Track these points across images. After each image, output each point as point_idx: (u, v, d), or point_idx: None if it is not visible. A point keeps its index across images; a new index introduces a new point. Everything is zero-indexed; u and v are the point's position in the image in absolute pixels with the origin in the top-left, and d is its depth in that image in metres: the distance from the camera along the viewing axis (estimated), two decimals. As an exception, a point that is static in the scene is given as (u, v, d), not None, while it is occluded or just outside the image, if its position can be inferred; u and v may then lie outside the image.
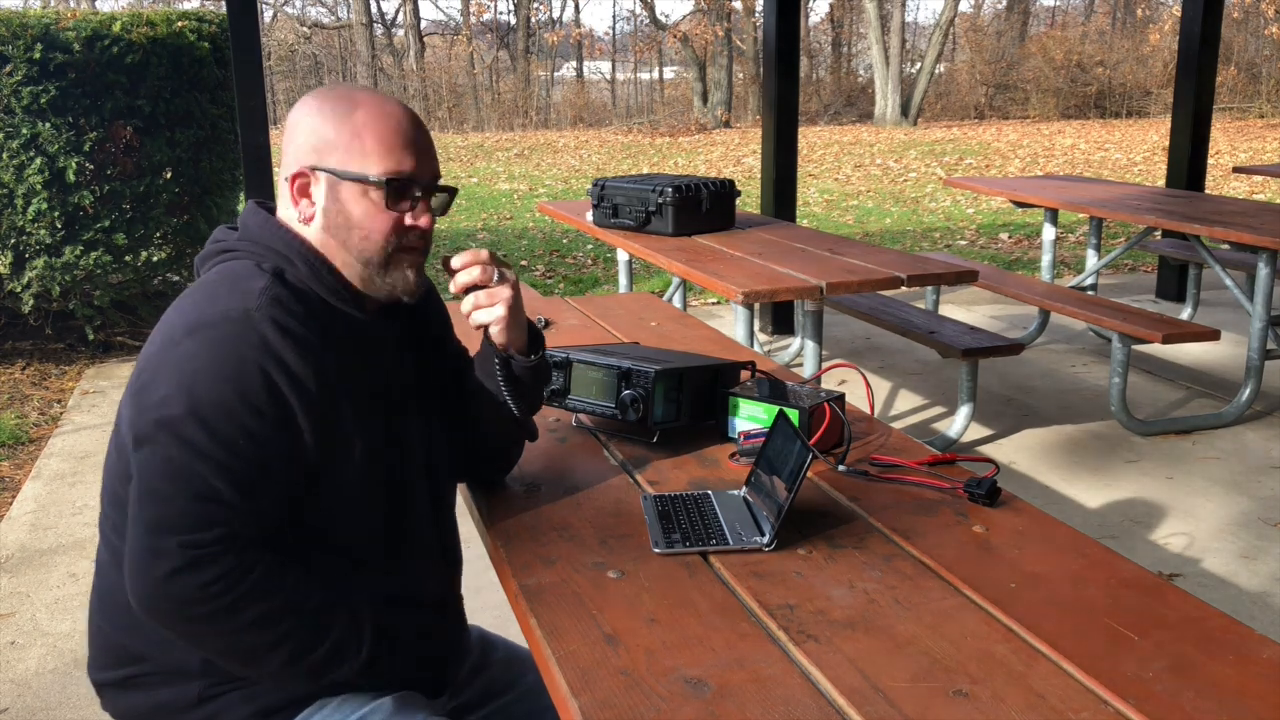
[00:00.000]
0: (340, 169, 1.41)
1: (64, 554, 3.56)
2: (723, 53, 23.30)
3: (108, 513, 1.48)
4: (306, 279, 1.41)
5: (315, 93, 1.48)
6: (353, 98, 1.45)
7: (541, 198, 11.83)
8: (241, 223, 1.48)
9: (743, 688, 1.17)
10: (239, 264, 1.41)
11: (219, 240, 1.48)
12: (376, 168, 1.41)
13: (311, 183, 1.43)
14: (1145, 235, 5.44)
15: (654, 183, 4.32)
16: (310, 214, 1.44)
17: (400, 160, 1.42)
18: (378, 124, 1.42)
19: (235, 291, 1.35)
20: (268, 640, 1.34)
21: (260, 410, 1.31)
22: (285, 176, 1.45)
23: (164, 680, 1.44)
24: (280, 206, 1.48)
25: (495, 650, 1.78)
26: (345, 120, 1.42)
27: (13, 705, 2.73)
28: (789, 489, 1.50)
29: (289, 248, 1.43)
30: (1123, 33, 25.25)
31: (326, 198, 1.43)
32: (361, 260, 1.44)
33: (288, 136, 1.46)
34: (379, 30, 25.87)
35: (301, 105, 1.47)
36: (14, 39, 5.12)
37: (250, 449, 1.31)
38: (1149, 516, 3.73)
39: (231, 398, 1.30)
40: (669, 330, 2.78)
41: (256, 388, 1.31)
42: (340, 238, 1.43)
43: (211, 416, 1.29)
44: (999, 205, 10.60)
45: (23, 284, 5.43)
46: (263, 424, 1.31)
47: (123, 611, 1.44)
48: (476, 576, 3.27)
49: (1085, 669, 1.20)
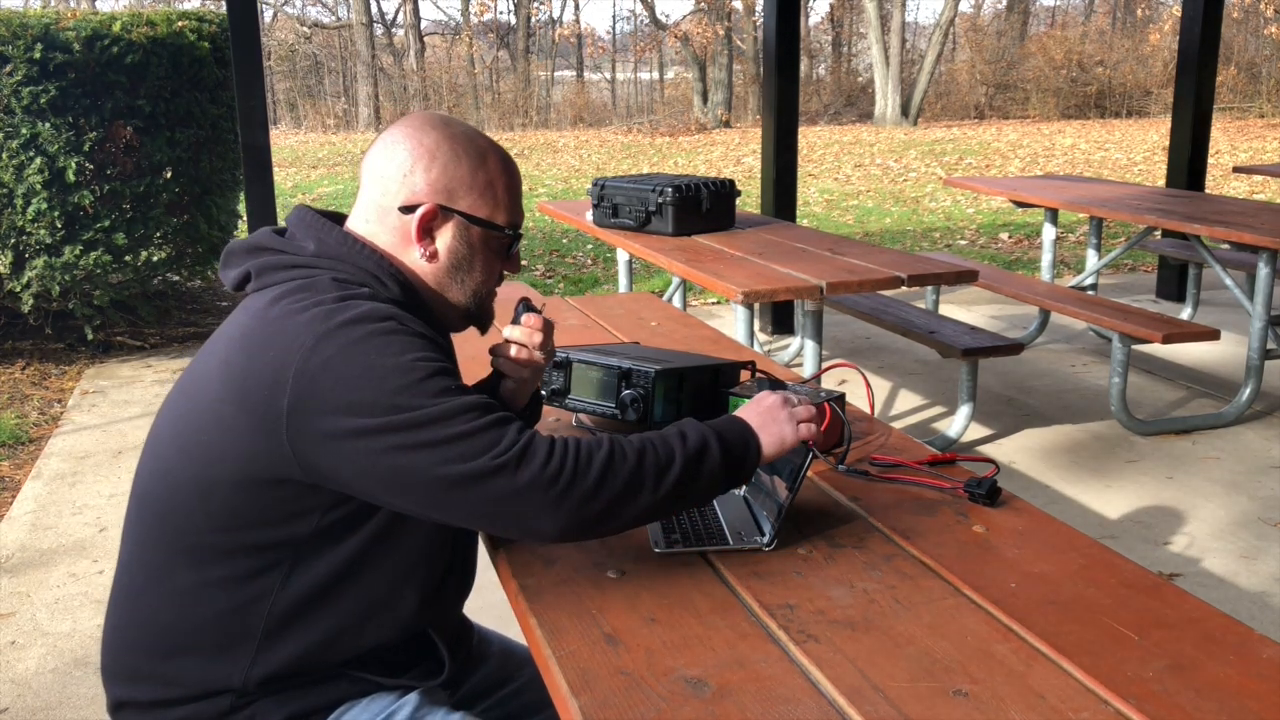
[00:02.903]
0: (472, 214, 1.46)
1: (64, 554, 3.56)
2: (723, 53, 23.30)
3: (149, 525, 1.42)
4: (397, 299, 1.43)
5: (429, 124, 1.46)
6: (478, 142, 1.48)
7: (541, 198, 11.83)
8: (315, 237, 1.45)
9: (743, 688, 1.17)
10: (323, 277, 1.40)
11: (277, 250, 1.44)
12: (504, 218, 1.49)
13: (439, 220, 1.45)
14: (1145, 235, 5.44)
15: (654, 182, 4.32)
16: (433, 250, 1.46)
17: (518, 213, 1.52)
18: (507, 176, 1.50)
19: (345, 298, 1.35)
20: (649, 466, 1.33)
21: (432, 350, 1.34)
22: (400, 206, 1.44)
23: (195, 699, 1.41)
24: (371, 228, 1.46)
25: (490, 645, 1.79)
26: (480, 167, 1.46)
27: (13, 705, 2.73)
28: (789, 489, 1.50)
29: (379, 268, 1.43)
30: (1123, 33, 25.25)
31: (455, 238, 1.46)
32: (472, 299, 1.51)
33: (400, 162, 1.44)
34: (379, 30, 25.87)
35: (419, 134, 1.45)
36: (14, 39, 5.12)
37: (454, 368, 1.37)
38: (1149, 516, 3.73)
39: (406, 353, 1.30)
40: (669, 330, 2.78)
41: (419, 343, 1.33)
42: (458, 277, 1.48)
43: (409, 377, 1.28)
44: (999, 205, 10.60)
45: (23, 284, 5.43)
46: (441, 353, 1.35)
47: (161, 630, 1.41)
48: (477, 576, 3.28)
49: (1085, 669, 1.19)
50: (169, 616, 1.41)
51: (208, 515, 1.36)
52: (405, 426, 1.26)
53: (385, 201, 1.45)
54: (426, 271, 1.47)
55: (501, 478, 1.26)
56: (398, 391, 1.27)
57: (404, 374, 1.28)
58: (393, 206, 1.44)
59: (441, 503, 1.28)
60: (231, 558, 1.36)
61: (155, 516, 1.42)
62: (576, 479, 1.29)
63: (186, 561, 1.39)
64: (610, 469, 1.31)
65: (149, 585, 1.42)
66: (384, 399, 1.26)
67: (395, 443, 1.26)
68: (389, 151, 1.45)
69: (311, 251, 1.43)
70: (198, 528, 1.37)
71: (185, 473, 1.38)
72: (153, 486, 1.42)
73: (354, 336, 1.30)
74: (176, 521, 1.39)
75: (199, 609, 1.39)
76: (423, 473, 1.27)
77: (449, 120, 1.49)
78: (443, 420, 1.27)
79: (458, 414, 1.28)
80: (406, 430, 1.26)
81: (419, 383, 1.28)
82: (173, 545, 1.39)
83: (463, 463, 1.26)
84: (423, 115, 1.49)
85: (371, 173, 1.47)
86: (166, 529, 1.40)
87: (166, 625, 1.41)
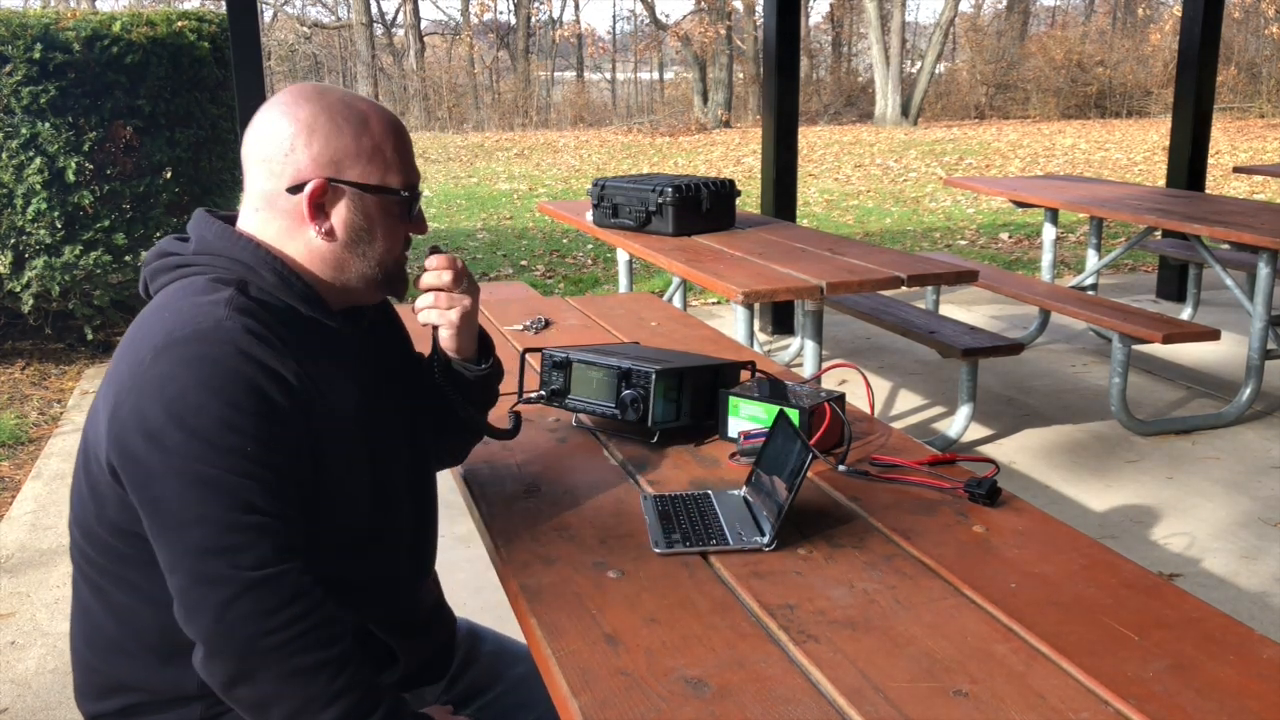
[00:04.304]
0: (364, 182, 1.39)
1: (64, 554, 3.56)
2: (723, 53, 23.30)
3: (79, 544, 1.42)
4: (274, 288, 1.37)
5: (302, 96, 1.39)
6: (357, 107, 1.40)
7: (541, 198, 11.83)
8: (196, 235, 1.42)
9: (743, 688, 1.17)
10: (199, 279, 1.36)
11: (170, 253, 1.41)
12: (397, 179, 1.42)
13: (330, 196, 1.39)
14: (1145, 235, 5.44)
15: (654, 182, 4.32)
16: (329, 227, 1.39)
17: (413, 173, 1.45)
18: (395, 136, 1.42)
19: (201, 306, 1.31)
20: (326, 692, 1.26)
21: (255, 412, 1.27)
22: (287, 188, 1.37)
23: (163, 706, 1.41)
24: (261, 217, 1.41)
25: (484, 643, 1.78)
26: (363, 132, 1.39)
27: (13, 705, 2.73)
28: (789, 489, 1.50)
29: (255, 258, 1.38)
30: (1123, 33, 25.25)
31: (350, 210, 1.40)
32: (379, 269, 1.44)
33: (279, 142, 1.37)
34: (379, 30, 25.87)
35: (293, 109, 1.38)
36: (14, 39, 5.12)
37: (261, 452, 1.27)
38: (1149, 516, 3.73)
39: (223, 408, 1.25)
40: (669, 330, 2.78)
41: (244, 392, 1.26)
42: (360, 250, 1.42)
43: (211, 431, 1.25)
44: (999, 205, 10.60)
45: (22, 284, 5.43)
46: (261, 425, 1.27)
47: (110, 642, 1.42)
48: (477, 576, 3.28)
49: (1085, 669, 1.19)
50: (115, 630, 1.42)
51: (103, 523, 1.37)
52: (185, 465, 1.25)
53: (270, 185, 1.39)
54: (325, 250, 1.40)
55: (220, 586, 1.23)
56: (190, 428, 1.25)
57: (205, 415, 1.25)
58: (280, 189, 1.38)
59: (164, 544, 1.27)
60: (142, 568, 1.35)
61: (81, 531, 1.42)
62: (277, 637, 1.24)
63: (114, 574, 1.39)
64: (303, 666, 1.25)
65: (93, 601, 1.43)
66: (180, 432, 1.25)
67: (175, 469, 1.25)
68: (266, 132, 1.39)
69: (191, 250, 1.40)
70: (104, 538, 1.37)
71: (85, 486, 1.39)
72: (80, 513, 1.42)
73: (184, 356, 1.27)
74: (90, 533, 1.40)
75: (137, 619, 1.39)
76: (163, 515, 1.26)
77: (324, 89, 1.42)
78: (213, 492, 1.24)
79: (229, 494, 1.24)
80: (183, 469, 1.25)
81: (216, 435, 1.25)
82: (99, 559, 1.40)
83: (200, 546, 1.24)
84: (296, 89, 1.41)
85: (252, 159, 1.40)
86: (91, 542, 1.40)
87: (114, 639, 1.42)
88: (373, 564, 1.47)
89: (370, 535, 1.46)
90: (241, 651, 1.24)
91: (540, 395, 1.98)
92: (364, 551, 1.45)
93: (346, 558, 1.42)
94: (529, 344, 2.60)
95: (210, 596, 1.23)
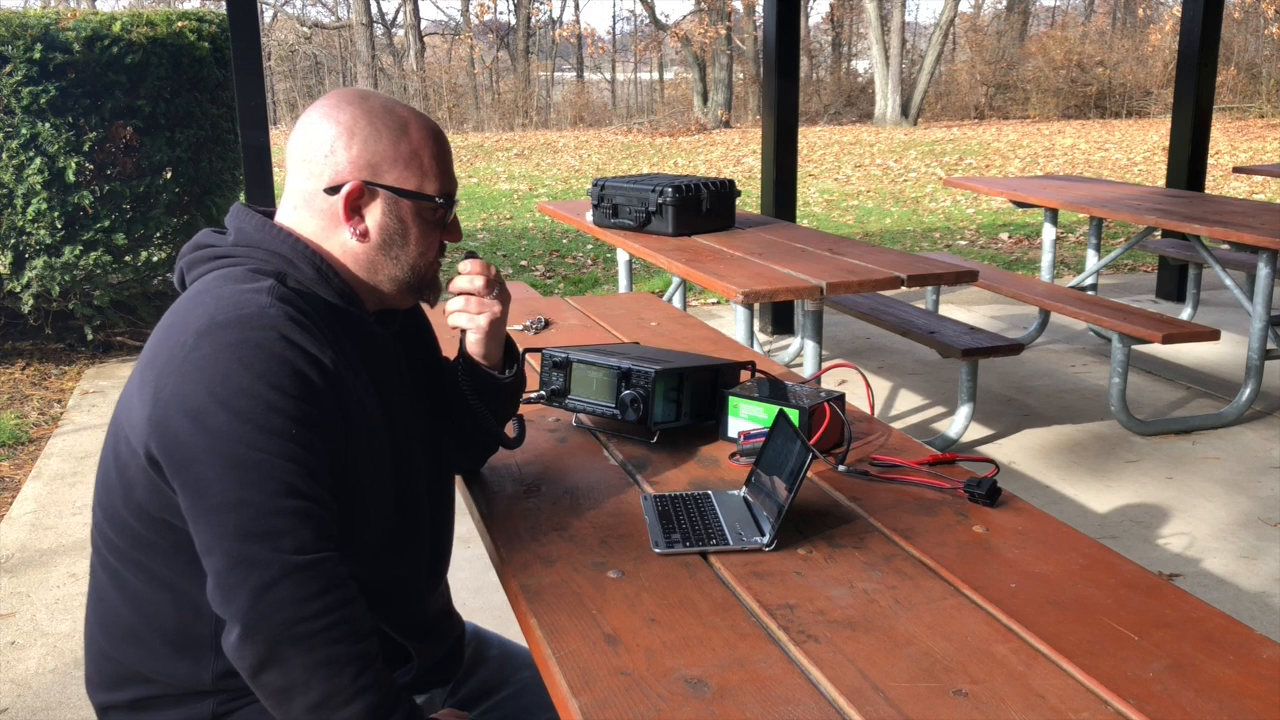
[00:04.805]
0: (400, 187, 1.42)
1: (64, 554, 3.56)
2: (723, 53, 23.30)
3: (101, 528, 1.43)
4: (311, 282, 1.40)
5: (345, 100, 1.43)
6: (398, 112, 1.43)
7: (541, 198, 11.83)
8: (235, 227, 1.45)
9: (743, 688, 1.17)
10: (238, 269, 1.38)
11: (209, 245, 1.44)
12: (434, 186, 1.45)
13: (366, 198, 1.42)
14: (1145, 235, 5.44)
15: (654, 183, 4.32)
16: (364, 229, 1.42)
17: (450, 181, 1.47)
18: (433, 144, 1.45)
19: (243, 293, 1.32)
20: (351, 686, 1.26)
21: (298, 396, 1.28)
22: (325, 188, 1.41)
23: (176, 700, 1.41)
24: (299, 215, 1.44)
25: (490, 647, 1.78)
26: (402, 137, 1.42)
27: (13, 705, 2.73)
28: (789, 489, 1.50)
29: (294, 251, 1.41)
30: (1123, 33, 25.25)
31: (385, 214, 1.43)
32: (411, 273, 1.47)
33: (320, 144, 1.41)
34: (379, 30, 25.87)
35: (335, 113, 1.42)
36: (14, 39, 5.12)
37: (304, 436, 1.27)
38: (1149, 516, 3.73)
39: (268, 391, 1.26)
40: (669, 330, 2.78)
41: (288, 376, 1.27)
42: (393, 253, 1.44)
43: (255, 414, 1.25)
44: (999, 205, 10.60)
45: (22, 284, 5.43)
46: (304, 409, 1.28)
47: (125, 630, 1.42)
48: (477, 576, 3.28)
49: (1085, 669, 1.20)
50: (132, 619, 1.41)
51: (129, 507, 1.36)
52: (229, 447, 1.24)
53: (310, 185, 1.42)
54: (359, 251, 1.43)
55: (258, 570, 1.23)
56: (234, 410, 1.25)
57: (248, 397, 1.25)
58: (318, 189, 1.42)
59: (203, 525, 1.26)
60: (166, 555, 1.36)
61: (104, 514, 1.42)
62: (312, 625, 1.24)
63: (135, 560, 1.39)
64: (333, 657, 1.25)
65: (111, 587, 1.43)
66: (224, 413, 1.25)
67: (220, 452, 1.24)
68: (308, 134, 1.42)
69: (230, 242, 1.43)
70: (129, 522, 1.37)
71: (114, 469, 1.39)
72: (106, 497, 1.42)
73: (227, 340, 1.27)
74: (115, 516, 1.39)
75: (156, 609, 1.39)
76: (205, 498, 1.25)
77: (366, 94, 1.45)
78: (259, 473, 1.24)
79: (275, 477, 1.24)
80: (227, 451, 1.24)
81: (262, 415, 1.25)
82: (121, 544, 1.40)
83: (240, 529, 1.23)
84: (339, 93, 1.45)
85: (294, 158, 1.44)
86: (115, 526, 1.40)
87: (131, 628, 1.42)
88: (391, 566, 1.48)
89: (390, 537, 1.46)
90: (275, 635, 1.23)
91: (540, 395, 1.98)
92: (384, 553, 1.46)
93: (367, 559, 1.43)
94: (529, 344, 2.60)
95: (249, 579, 1.23)
